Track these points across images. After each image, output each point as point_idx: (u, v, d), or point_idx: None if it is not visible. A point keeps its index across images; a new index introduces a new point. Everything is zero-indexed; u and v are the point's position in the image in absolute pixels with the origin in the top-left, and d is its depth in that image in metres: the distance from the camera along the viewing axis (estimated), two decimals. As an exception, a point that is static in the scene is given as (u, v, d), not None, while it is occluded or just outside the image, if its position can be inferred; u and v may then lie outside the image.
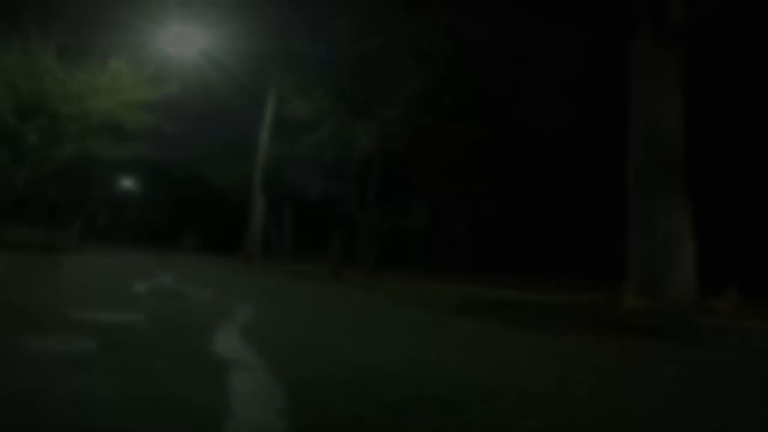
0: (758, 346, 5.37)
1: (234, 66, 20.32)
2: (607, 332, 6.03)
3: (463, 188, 24.03)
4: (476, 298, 9.33)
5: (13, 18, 17.31)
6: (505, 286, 12.00)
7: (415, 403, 2.84)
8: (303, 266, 18.93)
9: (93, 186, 30.79)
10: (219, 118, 25.85)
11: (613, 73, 12.13)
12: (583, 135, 19.30)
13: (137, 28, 18.16)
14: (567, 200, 21.58)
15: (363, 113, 20.07)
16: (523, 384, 3.45)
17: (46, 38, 17.77)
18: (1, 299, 6.14)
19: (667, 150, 7.98)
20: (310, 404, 2.68)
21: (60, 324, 4.46)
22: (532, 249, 23.73)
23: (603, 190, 16.16)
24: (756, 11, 13.18)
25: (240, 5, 19.18)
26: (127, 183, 37.94)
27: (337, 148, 21.53)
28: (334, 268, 15.10)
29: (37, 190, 22.93)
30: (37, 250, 17.28)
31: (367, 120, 19.99)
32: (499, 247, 25.18)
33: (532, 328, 6.19)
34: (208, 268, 17.09)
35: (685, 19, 8.17)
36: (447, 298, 9.52)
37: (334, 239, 15.69)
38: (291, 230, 25.31)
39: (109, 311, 5.43)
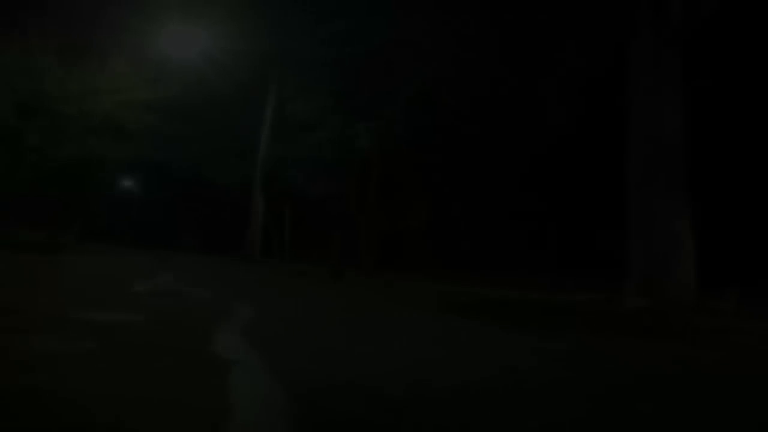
0: (758, 346, 5.37)
1: (234, 66, 20.32)
2: (607, 332, 6.03)
3: (463, 188, 24.01)
4: (476, 299, 9.32)
5: (13, 18, 17.31)
6: (505, 286, 11.99)
7: (415, 403, 2.84)
8: (303, 266, 18.89)
9: (93, 186, 30.74)
10: (219, 118, 25.82)
11: (613, 73, 12.12)
12: (583, 134, 19.29)
13: (137, 28, 18.17)
14: (567, 200, 21.57)
15: (363, 113, 20.08)
16: (523, 384, 3.45)
17: (46, 38, 17.77)
18: (1, 299, 6.14)
19: (667, 149, 7.99)
20: (311, 405, 2.68)
21: (60, 324, 4.46)
22: (532, 249, 23.72)
23: (603, 190, 16.16)
24: (756, 11, 13.18)
25: (240, 5, 19.18)
26: (127, 183, 37.88)
27: (337, 148, 21.54)
28: (334, 268, 15.09)
29: (37, 190, 22.92)
30: (37, 250, 17.25)
31: (367, 120, 20.00)
32: (499, 248, 25.17)
33: (532, 328, 6.19)
34: (208, 267, 17.07)
35: (685, 18, 8.17)
36: (447, 298, 9.51)
37: (334, 239, 15.69)
38: (291, 230, 25.29)
39: (110, 311, 5.43)
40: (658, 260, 7.68)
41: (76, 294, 7.04)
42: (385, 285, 12.40)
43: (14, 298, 6.31)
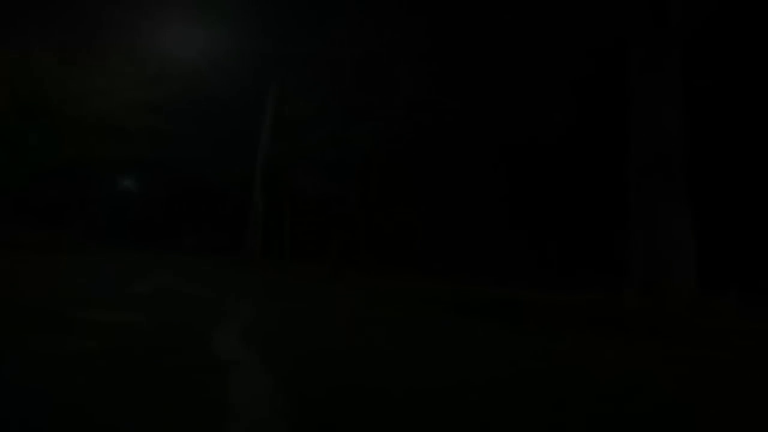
0: (758, 346, 5.37)
1: (234, 66, 20.36)
2: (607, 332, 6.03)
3: (464, 188, 24.03)
4: (476, 298, 9.33)
5: (13, 18, 17.32)
6: (505, 286, 12.00)
7: (416, 403, 2.84)
8: (303, 266, 18.91)
9: (93, 186, 30.81)
10: (219, 118, 25.90)
11: (613, 73, 12.14)
12: (584, 134, 19.31)
13: (137, 28, 18.19)
14: (567, 200, 21.59)
15: (363, 113, 20.10)
16: (522, 384, 3.45)
17: (46, 38, 17.77)
18: (1, 299, 6.13)
19: (667, 150, 7.99)
20: (310, 405, 2.68)
21: (60, 324, 4.46)
22: (532, 249, 23.73)
23: (604, 190, 16.17)
24: (756, 11, 13.19)
25: (240, 5, 19.21)
26: (127, 183, 37.91)
27: (337, 148, 21.57)
28: (334, 267, 15.10)
29: (37, 190, 22.95)
30: (37, 250, 17.26)
31: (367, 120, 20.03)
32: (500, 248, 25.18)
33: (531, 328, 6.19)
34: (208, 267, 17.07)
35: (685, 18, 8.18)
36: (447, 298, 9.52)
37: (334, 239, 15.70)
38: (291, 230, 25.33)
39: (110, 311, 5.43)
40: (658, 261, 7.68)
41: (75, 293, 7.03)
42: (385, 285, 12.40)
43: (14, 298, 6.30)
